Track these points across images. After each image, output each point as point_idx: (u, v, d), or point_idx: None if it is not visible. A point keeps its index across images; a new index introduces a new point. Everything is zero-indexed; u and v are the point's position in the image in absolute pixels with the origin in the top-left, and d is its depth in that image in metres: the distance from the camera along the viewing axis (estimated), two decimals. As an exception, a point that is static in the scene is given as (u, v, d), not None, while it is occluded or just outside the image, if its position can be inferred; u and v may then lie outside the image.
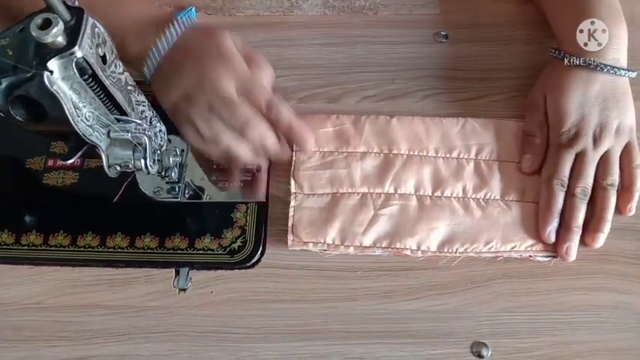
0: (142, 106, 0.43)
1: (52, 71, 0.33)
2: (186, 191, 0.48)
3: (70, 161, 0.41)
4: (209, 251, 0.46)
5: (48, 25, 0.32)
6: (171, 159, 0.45)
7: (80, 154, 0.40)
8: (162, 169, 0.46)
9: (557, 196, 0.45)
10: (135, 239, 0.46)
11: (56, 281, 0.45)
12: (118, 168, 0.41)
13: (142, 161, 0.41)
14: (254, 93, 0.44)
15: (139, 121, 0.41)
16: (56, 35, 0.32)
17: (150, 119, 0.44)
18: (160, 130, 0.45)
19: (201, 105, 0.43)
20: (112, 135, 0.40)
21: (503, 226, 0.46)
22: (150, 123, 0.44)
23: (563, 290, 0.44)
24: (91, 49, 0.34)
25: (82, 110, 0.36)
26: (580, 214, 0.45)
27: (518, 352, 0.42)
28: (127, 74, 0.40)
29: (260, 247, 0.46)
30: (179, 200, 0.48)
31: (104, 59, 0.36)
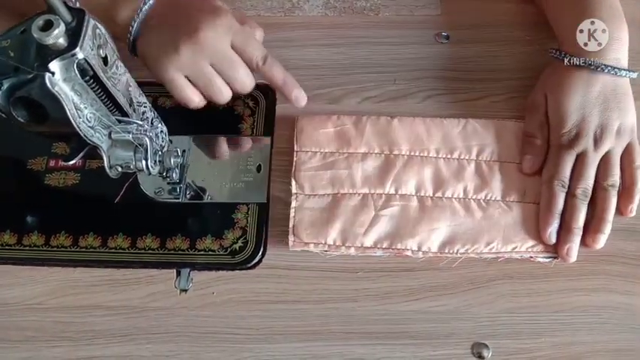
0: (143, 107, 0.43)
1: (53, 72, 0.33)
2: (188, 192, 0.48)
3: (72, 162, 0.41)
4: (210, 252, 0.46)
5: (49, 27, 0.32)
6: (173, 160, 0.45)
7: (82, 155, 0.40)
8: (164, 169, 0.46)
9: (558, 197, 0.45)
10: (136, 240, 0.46)
11: (58, 282, 0.45)
12: (119, 169, 0.41)
13: (144, 162, 0.41)
14: (249, 48, 0.46)
15: (140, 122, 0.41)
16: (57, 37, 0.32)
17: (151, 120, 0.44)
18: (162, 131, 0.45)
19: (197, 58, 0.44)
20: (113, 136, 0.40)
21: (504, 227, 0.46)
22: (151, 124, 0.44)
23: (563, 291, 0.44)
24: (93, 50, 0.35)
25: (84, 111, 0.36)
26: (581, 215, 0.45)
27: (518, 353, 0.42)
28: (128, 75, 0.40)
29: (261, 248, 0.46)
30: (180, 201, 0.48)
31: (105, 60, 0.37)
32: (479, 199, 0.47)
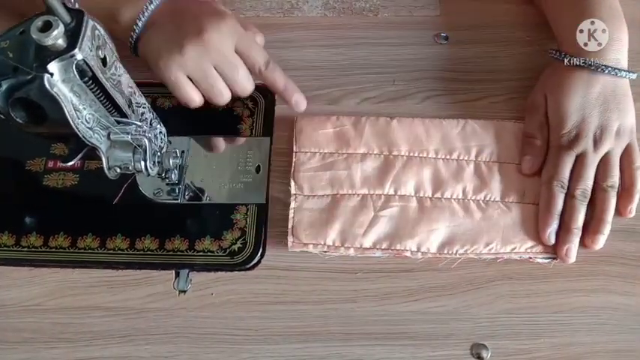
0: (142, 108, 0.43)
1: (52, 73, 0.33)
2: (186, 193, 0.48)
3: (71, 163, 0.41)
4: (209, 253, 0.46)
5: (48, 28, 0.32)
6: (172, 161, 0.45)
7: (80, 156, 0.40)
8: (163, 170, 0.46)
9: (557, 198, 0.45)
10: (135, 241, 0.46)
11: (56, 283, 0.45)
12: (118, 170, 0.41)
13: (142, 163, 0.41)
14: (252, 53, 0.48)
15: (139, 123, 0.41)
16: (56, 38, 0.32)
17: (150, 121, 0.44)
18: (160, 132, 0.45)
19: (201, 59, 0.45)
20: (112, 137, 0.40)
21: (503, 228, 0.46)
22: (150, 125, 0.44)
23: (563, 292, 0.44)
24: (92, 51, 0.35)
25: (82, 112, 0.36)
26: (580, 215, 0.45)
27: (517, 353, 0.42)
28: (127, 76, 0.40)
29: (260, 249, 0.46)
30: (179, 202, 0.48)
31: (104, 61, 0.37)
32: (478, 199, 0.47)
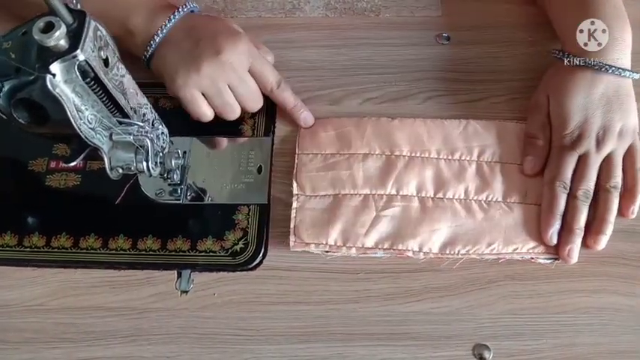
0: (144, 109, 0.43)
1: (54, 74, 0.33)
2: (188, 193, 0.48)
3: (73, 163, 0.41)
4: (211, 253, 0.46)
5: (50, 29, 0.32)
6: (174, 161, 0.46)
7: (82, 156, 0.40)
8: (165, 171, 0.46)
9: (560, 199, 0.45)
10: (137, 241, 0.46)
11: (58, 283, 0.45)
12: (120, 170, 0.41)
13: (144, 163, 0.41)
14: (265, 73, 0.50)
15: (141, 124, 0.41)
16: (59, 38, 0.32)
17: (152, 122, 0.44)
18: (162, 133, 0.45)
19: (217, 78, 0.47)
20: (114, 137, 0.40)
21: (505, 228, 0.46)
22: (152, 125, 0.44)
23: (565, 292, 0.44)
24: (94, 52, 0.35)
25: (85, 113, 0.36)
26: (582, 216, 0.45)
27: (520, 354, 0.42)
28: (129, 77, 0.40)
29: (262, 249, 0.46)
30: (181, 202, 0.48)
31: (106, 62, 0.37)
32: (480, 200, 0.47)
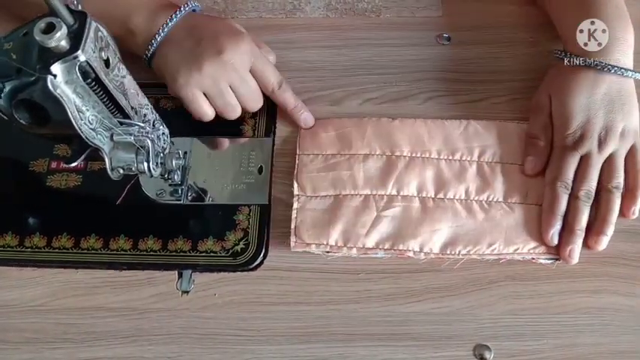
0: (145, 109, 0.43)
1: (55, 75, 0.33)
2: (189, 193, 0.48)
3: (74, 164, 0.41)
4: (212, 253, 0.46)
5: (51, 30, 0.32)
6: (174, 161, 0.46)
7: (83, 157, 0.40)
8: (165, 171, 0.46)
9: (561, 199, 0.45)
10: (138, 241, 0.46)
11: (59, 283, 0.45)
12: (121, 171, 0.41)
13: (145, 164, 0.41)
14: (266, 73, 0.49)
15: (141, 124, 0.41)
16: (59, 39, 0.32)
17: (153, 122, 0.44)
18: (163, 133, 0.45)
19: (218, 78, 0.47)
20: (115, 138, 0.40)
21: (505, 229, 0.46)
22: (153, 126, 0.44)
23: (566, 293, 0.44)
24: (94, 52, 0.35)
25: (86, 114, 0.36)
26: (583, 216, 0.45)
27: (521, 354, 0.42)
28: (129, 77, 0.40)
29: (263, 250, 0.46)
30: (182, 202, 0.48)
31: (107, 63, 0.37)
32: (481, 200, 0.47)
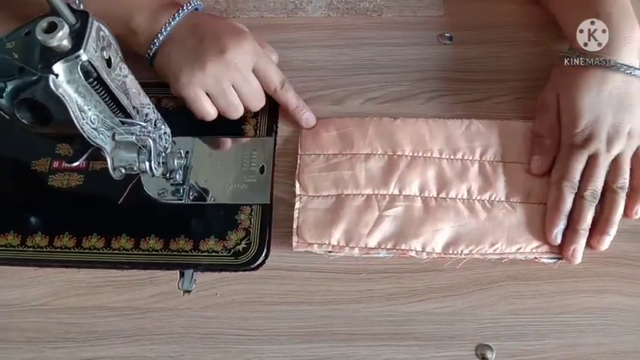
0: (147, 109, 0.43)
1: (57, 74, 0.33)
2: (191, 193, 0.48)
3: (75, 163, 0.41)
4: (213, 253, 0.46)
5: (53, 29, 0.32)
6: (176, 161, 0.46)
7: (85, 156, 0.40)
8: (167, 171, 0.46)
9: (567, 198, 0.45)
10: (139, 241, 0.46)
11: (61, 283, 0.45)
12: (122, 170, 0.41)
13: (147, 163, 0.41)
14: (269, 73, 0.49)
15: (143, 124, 0.41)
16: (61, 39, 0.32)
17: (154, 122, 0.44)
18: (165, 133, 0.45)
19: (221, 78, 0.47)
20: (116, 137, 0.40)
21: (508, 228, 0.45)
22: (154, 125, 0.44)
23: (568, 293, 0.44)
24: (96, 52, 0.35)
25: (87, 113, 0.36)
26: (588, 216, 0.44)
27: (523, 354, 0.42)
28: (131, 77, 0.40)
29: (264, 249, 0.46)
30: (183, 202, 0.48)
31: (109, 62, 0.37)
32: (483, 199, 0.47)
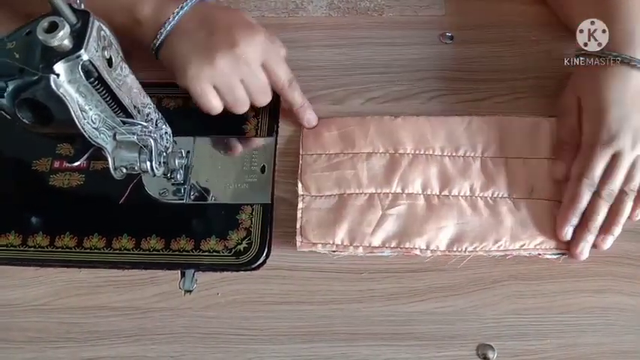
0: (148, 109, 0.43)
1: (58, 74, 0.33)
2: (192, 193, 0.48)
3: (76, 163, 0.41)
4: (214, 253, 0.46)
5: (54, 29, 0.32)
6: (177, 161, 0.46)
7: (86, 156, 0.40)
8: (168, 170, 0.46)
9: (584, 196, 0.44)
10: (140, 241, 0.46)
11: (62, 282, 0.45)
12: (123, 170, 0.41)
13: (148, 163, 0.41)
14: (277, 70, 0.48)
15: (144, 124, 0.41)
16: (62, 38, 0.32)
17: (155, 121, 0.44)
18: (166, 132, 0.45)
19: (230, 72, 0.45)
20: (117, 137, 0.40)
21: (511, 225, 0.45)
22: (155, 125, 0.44)
23: (569, 292, 0.44)
24: (97, 52, 0.35)
25: (88, 113, 0.36)
26: (601, 215, 0.44)
27: (524, 354, 0.42)
28: (132, 76, 0.40)
29: (265, 249, 0.46)
30: (184, 202, 0.48)
31: (110, 62, 0.37)
32: (486, 196, 0.47)
